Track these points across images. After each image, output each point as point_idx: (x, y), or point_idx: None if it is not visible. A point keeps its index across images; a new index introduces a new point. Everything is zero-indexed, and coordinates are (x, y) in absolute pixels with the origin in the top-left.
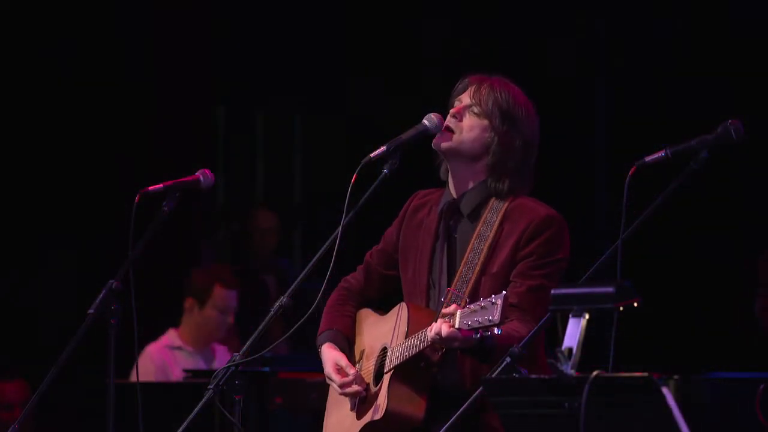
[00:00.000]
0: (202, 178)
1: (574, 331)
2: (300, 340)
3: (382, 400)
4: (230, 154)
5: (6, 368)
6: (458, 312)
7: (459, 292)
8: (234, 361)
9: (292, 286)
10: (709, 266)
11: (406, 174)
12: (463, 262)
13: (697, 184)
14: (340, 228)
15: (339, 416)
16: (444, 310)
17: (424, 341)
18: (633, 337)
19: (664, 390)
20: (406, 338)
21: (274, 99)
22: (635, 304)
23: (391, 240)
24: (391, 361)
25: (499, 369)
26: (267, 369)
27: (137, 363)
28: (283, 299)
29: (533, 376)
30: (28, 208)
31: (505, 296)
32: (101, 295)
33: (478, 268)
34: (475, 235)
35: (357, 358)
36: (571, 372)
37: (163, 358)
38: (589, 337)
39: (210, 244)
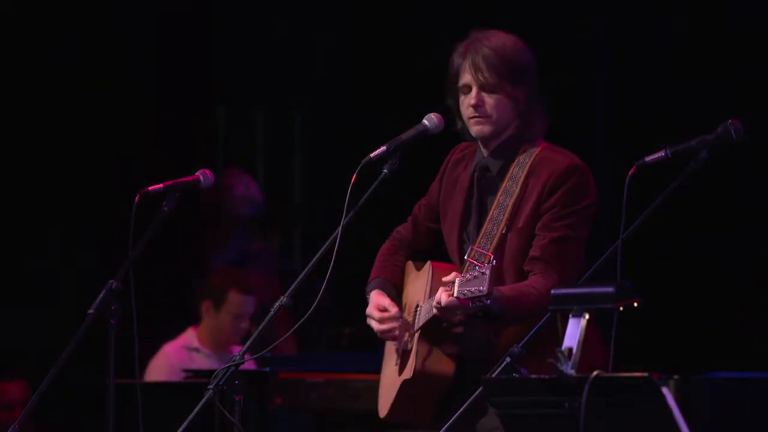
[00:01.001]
0: (202, 178)
1: (574, 331)
2: (300, 340)
3: (412, 359)
4: (230, 154)
5: (6, 368)
6: (456, 280)
7: (483, 249)
8: (234, 361)
9: (292, 286)
10: (709, 266)
11: (406, 174)
12: (488, 218)
13: (697, 184)
14: (340, 228)
15: (388, 370)
16: (444, 278)
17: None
18: (633, 337)
19: (664, 390)
20: (429, 299)
21: (274, 99)
22: (635, 304)
23: (434, 193)
24: (418, 321)
25: (499, 369)
26: (267, 369)
27: (137, 362)
28: (283, 299)
29: (533, 376)
30: (28, 208)
31: (493, 266)
32: (101, 295)
33: (503, 224)
34: (501, 192)
35: (401, 311)
36: (571, 372)
37: (180, 359)
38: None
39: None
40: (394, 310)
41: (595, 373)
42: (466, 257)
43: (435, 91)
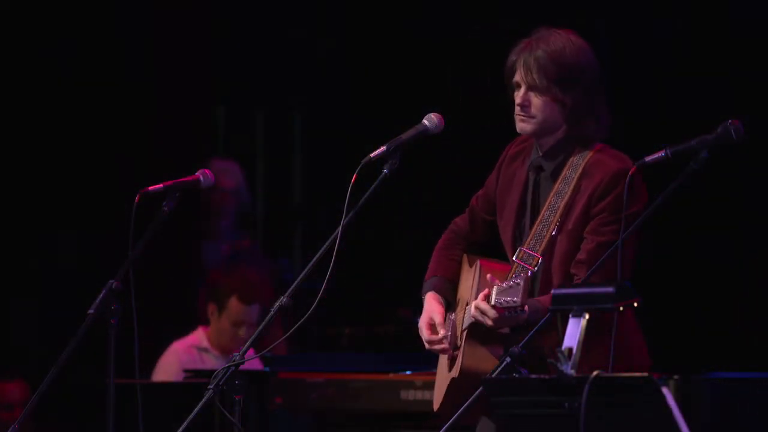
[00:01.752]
0: (202, 178)
1: (574, 331)
2: (300, 341)
3: (459, 358)
4: (230, 154)
5: (6, 368)
6: (495, 288)
7: (531, 250)
8: (234, 361)
9: (292, 286)
10: (709, 266)
11: (406, 174)
12: (538, 219)
13: (697, 184)
14: (340, 228)
15: (442, 365)
16: (488, 277)
17: None
18: None
19: (664, 390)
20: (474, 300)
21: (274, 99)
22: (635, 304)
23: (491, 186)
24: (465, 320)
25: (499, 369)
26: (267, 369)
27: (137, 362)
28: (282, 299)
29: (533, 376)
30: (28, 208)
31: (527, 278)
32: (101, 295)
33: (552, 225)
34: (553, 193)
35: (455, 307)
36: (571, 372)
37: (190, 357)
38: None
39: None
40: (441, 333)
41: (595, 373)
42: (514, 258)
43: (435, 91)
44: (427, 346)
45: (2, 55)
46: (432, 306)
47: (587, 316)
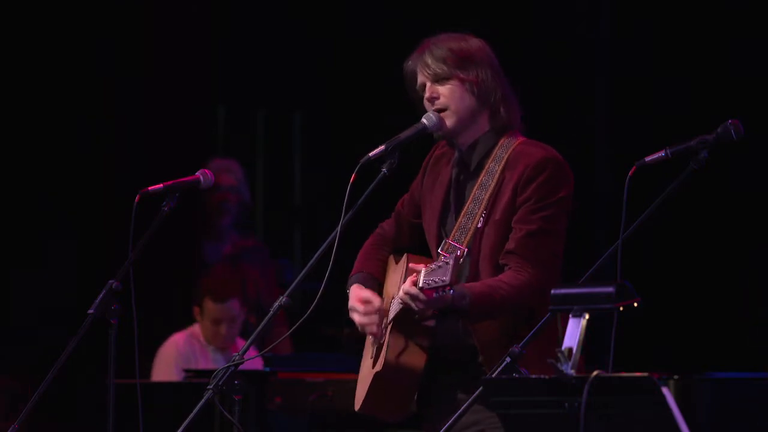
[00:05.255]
0: (202, 178)
1: (574, 331)
2: (300, 341)
3: (383, 352)
4: (230, 154)
5: (6, 367)
6: (423, 270)
7: (456, 242)
8: (233, 361)
9: (292, 286)
10: (709, 266)
11: (405, 173)
12: (463, 212)
13: (697, 184)
14: (338, 227)
15: (365, 364)
16: (411, 264)
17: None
18: (633, 337)
19: (664, 390)
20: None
21: (274, 99)
22: (635, 304)
23: (416, 188)
24: (391, 313)
25: (499, 369)
26: (267, 369)
27: (137, 362)
28: (282, 299)
29: (533, 376)
30: (28, 208)
31: (457, 257)
32: (101, 295)
33: (477, 217)
34: (477, 186)
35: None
36: (571, 372)
37: (190, 348)
38: (588, 336)
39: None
40: (377, 301)
41: (595, 373)
42: (439, 250)
43: None
44: (360, 318)
45: (3, 55)
46: (359, 290)
47: (587, 316)
